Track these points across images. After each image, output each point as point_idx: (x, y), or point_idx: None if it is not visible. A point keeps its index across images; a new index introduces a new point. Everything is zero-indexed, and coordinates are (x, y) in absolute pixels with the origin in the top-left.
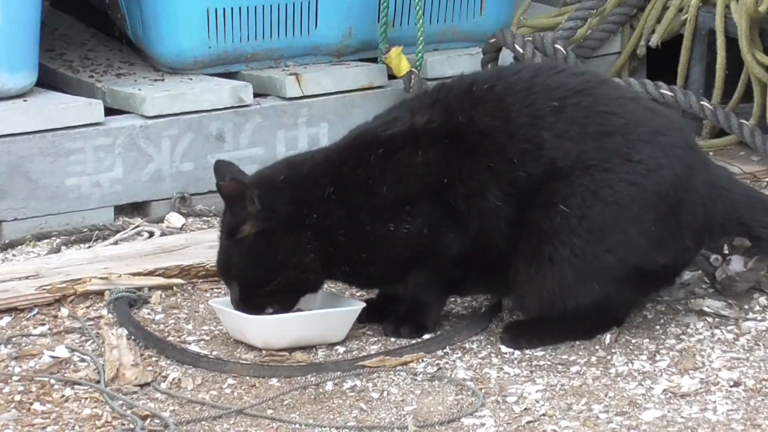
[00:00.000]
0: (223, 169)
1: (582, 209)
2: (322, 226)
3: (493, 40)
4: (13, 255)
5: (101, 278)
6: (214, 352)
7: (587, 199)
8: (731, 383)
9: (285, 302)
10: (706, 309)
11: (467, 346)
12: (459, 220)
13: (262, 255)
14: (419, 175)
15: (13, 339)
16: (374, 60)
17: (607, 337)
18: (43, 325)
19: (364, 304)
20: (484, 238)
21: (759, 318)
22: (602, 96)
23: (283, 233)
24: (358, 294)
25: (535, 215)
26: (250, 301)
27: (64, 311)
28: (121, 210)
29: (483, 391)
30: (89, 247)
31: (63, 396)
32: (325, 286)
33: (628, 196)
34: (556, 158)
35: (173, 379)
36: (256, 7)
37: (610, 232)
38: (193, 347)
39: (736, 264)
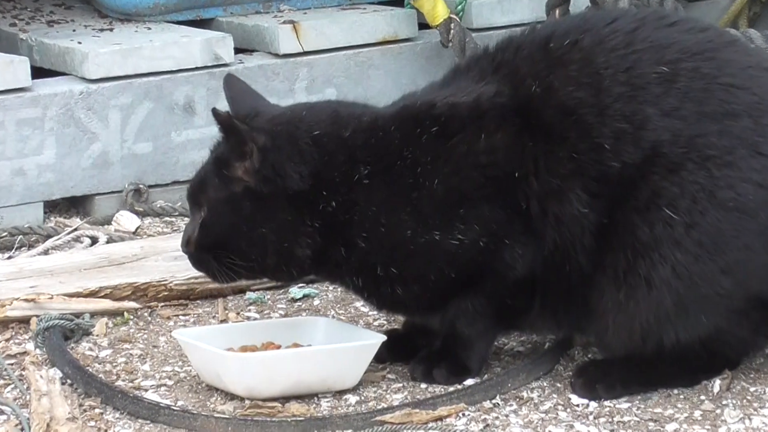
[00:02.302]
0: (235, 86)
1: (692, 215)
2: (339, 220)
3: None
4: None
5: (26, 300)
6: (180, 402)
7: (700, 202)
8: None
9: (232, 275)
10: None
11: (525, 395)
12: (530, 229)
13: (245, 215)
14: (481, 166)
15: None
16: (399, 3)
17: (716, 384)
18: None
19: (384, 337)
20: (561, 254)
21: None
22: (728, 62)
23: (285, 207)
24: (375, 322)
25: (630, 221)
26: (199, 251)
27: None
28: (53, 207)
29: None
30: (10, 257)
31: None
32: (333, 312)
33: (754, 201)
34: (661, 143)
35: None
36: None
37: (728, 248)
38: (150, 395)
39: None
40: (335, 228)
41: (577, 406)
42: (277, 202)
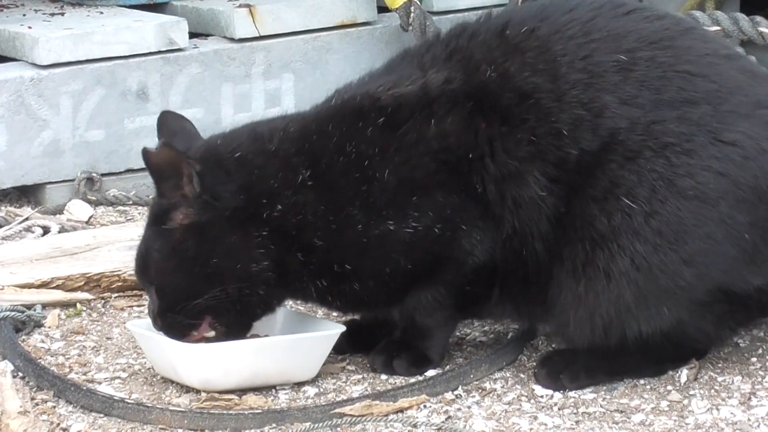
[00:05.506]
0: (169, 125)
1: (651, 204)
2: (290, 224)
3: None
4: None
5: None
6: (134, 395)
7: (659, 191)
8: None
9: (223, 325)
10: None
11: (488, 386)
12: (488, 214)
13: (192, 256)
14: (432, 151)
15: None
16: None
17: (683, 374)
18: None
19: (343, 328)
20: (520, 239)
21: None
22: (686, 50)
23: (226, 229)
24: (334, 313)
25: (587, 212)
26: (169, 318)
27: None
28: (3, 196)
29: None
30: None
31: None
32: (291, 302)
33: (714, 190)
34: (619, 130)
35: None
36: None
37: (688, 238)
38: (104, 388)
39: None
40: (288, 233)
41: (541, 397)
42: (218, 228)
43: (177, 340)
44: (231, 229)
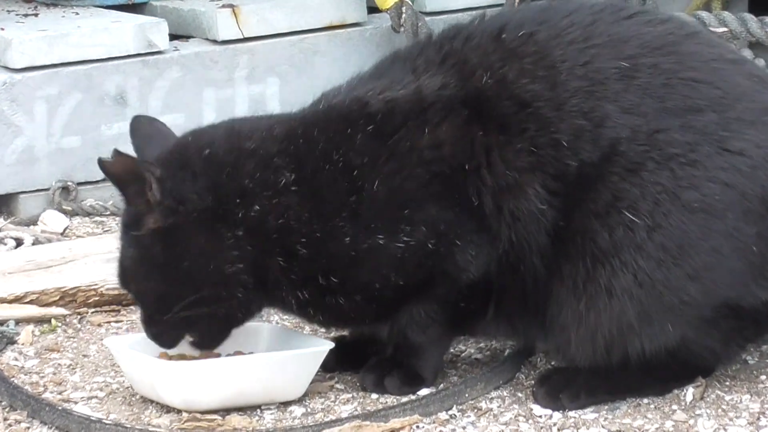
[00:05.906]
0: (142, 129)
1: (655, 218)
2: (270, 226)
3: None
4: None
5: None
6: (112, 415)
7: (663, 204)
8: None
9: (202, 334)
10: None
11: (484, 405)
12: (483, 227)
13: (162, 262)
14: (426, 162)
15: None
16: None
17: (689, 393)
18: None
19: (332, 344)
20: (517, 254)
21: None
22: (690, 55)
23: (194, 231)
24: (322, 329)
25: (588, 227)
26: (153, 328)
27: None
28: None
29: None
30: None
31: None
32: (277, 317)
33: (721, 201)
34: (620, 140)
35: None
36: None
37: (693, 252)
38: (80, 408)
39: None
40: (267, 235)
41: (540, 417)
42: (185, 231)
43: (166, 348)
44: (200, 230)
